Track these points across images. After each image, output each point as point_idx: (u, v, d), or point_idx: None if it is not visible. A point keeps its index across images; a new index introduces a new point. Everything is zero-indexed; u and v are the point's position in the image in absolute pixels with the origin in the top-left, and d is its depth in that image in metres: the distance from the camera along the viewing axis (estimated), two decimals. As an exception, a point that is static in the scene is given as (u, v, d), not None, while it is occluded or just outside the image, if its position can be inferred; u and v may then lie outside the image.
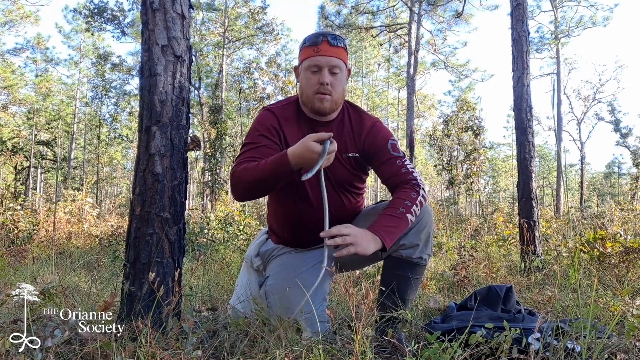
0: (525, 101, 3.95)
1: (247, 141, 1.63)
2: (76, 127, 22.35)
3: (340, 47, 1.60)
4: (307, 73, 1.60)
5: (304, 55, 1.61)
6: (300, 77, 1.65)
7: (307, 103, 1.63)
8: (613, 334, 1.50)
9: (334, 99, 1.61)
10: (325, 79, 1.57)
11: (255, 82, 16.49)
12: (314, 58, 1.57)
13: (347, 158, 1.68)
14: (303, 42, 1.64)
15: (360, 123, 1.69)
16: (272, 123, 1.64)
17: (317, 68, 1.58)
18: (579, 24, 16.56)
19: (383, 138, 1.67)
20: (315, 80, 1.58)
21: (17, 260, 3.93)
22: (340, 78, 1.61)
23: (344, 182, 1.70)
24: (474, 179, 12.16)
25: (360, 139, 1.68)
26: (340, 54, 1.59)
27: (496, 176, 31.98)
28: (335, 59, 1.58)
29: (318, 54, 1.57)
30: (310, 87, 1.60)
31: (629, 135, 18.96)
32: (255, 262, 1.89)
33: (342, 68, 1.61)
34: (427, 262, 1.66)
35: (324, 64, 1.57)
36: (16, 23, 16.32)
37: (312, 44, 1.59)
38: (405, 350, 1.42)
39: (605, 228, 3.85)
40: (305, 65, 1.60)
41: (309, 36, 1.62)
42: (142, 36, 1.69)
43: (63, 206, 7.56)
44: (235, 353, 1.42)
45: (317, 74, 1.58)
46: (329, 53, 1.57)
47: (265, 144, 1.59)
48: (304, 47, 1.62)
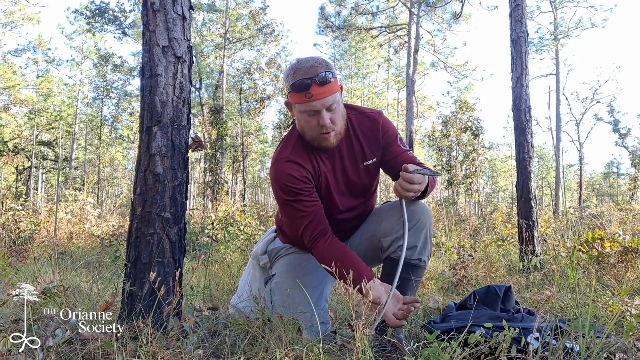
0: (524, 102, 3.96)
1: (285, 198, 1.58)
2: (77, 127, 22.36)
3: (330, 82, 1.49)
4: (304, 116, 1.54)
5: (294, 100, 1.52)
6: (298, 118, 1.58)
7: (311, 142, 1.60)
8: (612, 333, 1.51)
9: (337, 132, 1.58)
10: (325, 121, 1.51)
11: (255, 83, 16.52)
12: (308, 104, 1.49)
13: (366, 166, 1.68)
14: (290, 85, 1.50)
15: (372, 124, 1.68)
16: (298, 170, 1.59)
17: (313, 112, 1.50)
18: (578, 25, 16.56)
19: (394, 132, 1.70)
20: (315, 123, 1.52)
21: (19, 260, 3.93)
22: (338, 109, 1.54)
23: (366, 190, 1.74)
24: (473, 179, 12.17)
25: (378, 139, 1.67)
26: (332, 88, 1.50)
27: (495, 176, 31.96)
28: (329, 97, 1.49)
29: (311, 99, 1.48)
30: (312, 130, 1.55)
31: (627, 135, 18.96)
32: (262, 260, 1.91)
33: (338, 99, 1.54)
34: (427, 263, 1.66)
35: (319, 107, 1.49)
36: (18, 24, 16.34)
37: (301, 89, 1.47)
38: (405, 349, 1.43)
39: (604, 228, 3.86)
40: (301, 110, 1.52)
41: (295, 81, 1.48)
42: (143, 37, 1.70)
43: (64, 206, 7.57)
44: (235, 352, 1.43)
45: (315, 116, 1.51)
46: (322, 95, 1.48)
47: (304, 195, 1.57)
48: (292, 92, 1.51)
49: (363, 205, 1.77)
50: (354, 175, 1.68)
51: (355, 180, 1.69)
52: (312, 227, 1.57)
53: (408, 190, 1.43)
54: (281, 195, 1.59)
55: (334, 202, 1.68)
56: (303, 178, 1.58)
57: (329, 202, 1.68)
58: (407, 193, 1.43)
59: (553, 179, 21.39)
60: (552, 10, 16.84)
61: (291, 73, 1.51)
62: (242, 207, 7.60)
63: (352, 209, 1.74)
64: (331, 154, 1.66)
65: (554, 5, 16.66)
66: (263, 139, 26.93)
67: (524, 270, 3.34)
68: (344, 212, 1.72)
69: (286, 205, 1.60)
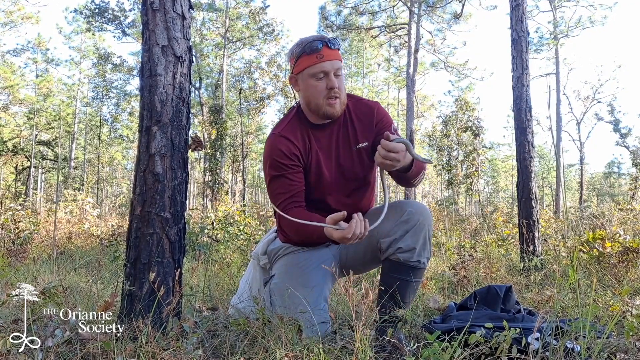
0: (525, 101, 3.96)
1: (272, 173, 1.64)
2: (77, 127, 22.36)
3: (339, 47, 1.61)
4: (311, 80, 1.59)
5: (304, 64, 1.58)
6: (302, 86, 1.63)
7: (316, 110, 1.63)
8: (612, 333, 1.50)
9: (342, 100, 1.63)
10: (334, 83, 1.57)
11: (255, 82, 16.51)
12: (319, 65, 1.56)
13: (358, 150, 1.70)
14: (301, 50, 1.59)
15: (367, 109, 1.72)
16: (288, 146, 1.64)
17: (323, 74, 1.57)
18: (577, 24, 16.56)
19: (388, 120, 1.72)
20: (323, 87, 1.58)
21: (18, 260, 3.93)
22: (342, 80, 1.63)
23: (358, 178, 1.73)
24: (474, 179, 12.16)
25: (372, 124, 1.71)
26: (339, 55, 1.61)
27: (496, 176, 31.97)
28: (338, 61, 1.59)
29: (322, 60, 1.55)
30: (318, 94, 1.59)
31: (628, 135, 18.94)
32: (262, 260, 1.91)
33: (343, 70, 1.63)
34: (426, 264, 1.64)
35: (330, 69, 1.56)
36: (17, 23, 16.33)
37: (313, 50, 1.56)
38: (405, 349, 1.42)
39: (605, 228, 3.85)
40: (309, 73, 1.58)
41: (306, 44, 1.58)
42: (143, 36, 1.70)
43: (64, 206, 7.57)
44: (235, 353, 1.43)
45: (322, 80, 1.58)
46: (332, 57, 1.57)
47: (289, 173, 1.63)
48: (303, 56, 1.58)
49: (357, 194, 1.75)
50: (346, 158, 1.70)
51: (347, 164, 1.70)
52: (288, 201, 1.62)
53: (386, 159, 1.44)
54: (268, 170, 1.65)
55: (324, 181, 1.69)
56: (292, 155, 1.63)
57: (320, 181, 1.69)
58: (385, 161, 1.44)
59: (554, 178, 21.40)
60: (552, 9, 16.84)
61: (299, 43, 1.62)
62: (242, 207, 7.60)
63: (346, 194, 1.73)
64: (326, 133, 1.68)
65: (553, 4, 16.65)
66: (263, 139, 26.91)
67: (525, 271, 3.34)
68: (337, 196, 1.71)
69: (271, 180, 1.66)
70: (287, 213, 1.58)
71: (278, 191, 1.64)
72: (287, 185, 1.63)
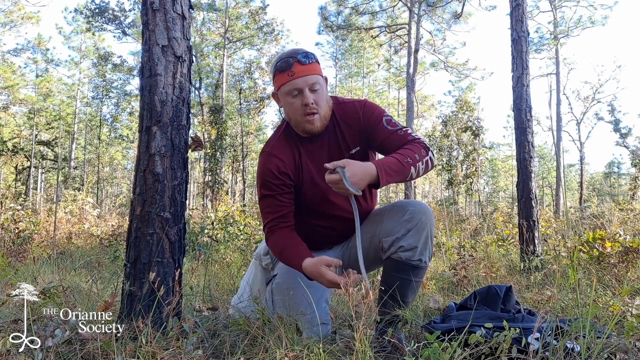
0: (525, 101, 3.96)
1: (263, 192, 1.67)
2: (77, 127, 22.35)
3: (313, 62, 1.56)
4: (287, 98, 1.58)
5: (279, 82, 1.58)
6: (283, 104, 1.63)
7: (296, 127, 1.64)
8: (612, 333, 1.50)
9: (322, 115, 1.60)
10: (308, 100, 1.54)
11: (255, 82, 16.49)
12: (291, 82, 1.54)
13: (352, 156, 1.67)
14: (274, 68, 1.59)
15: (353, 111, 1.68)
16: (277, 165, 1.64)
17: (297, 91, 1.55)
18: (577, 24, 16.56)
19: (377, 115, 1.66)
20: (299, 104, 1.56)
21: (18, 260, 3.93)
22: (322, 92, 1.58)
23: None
24: (474, 179, 12.16)
25: (358, 126, 1.67)
26: (314, 69, 1.57)
27: (496, 176, 31.97)
28: (311, 76, 1.55)
29: (293, 77, 1.54)
30: (296, 112, 1.58)
31: (628, 135, 18.93)
32: (265, 260, 1.91)
33: (321, 82, 1.58)
34: (428, 264, 1.63)
35: (302, 86, 1.54)
36: (17, 23, 16.33)
37: (284, 69, 1.55)
38: (405, 350, 1.42)
39: (605, 228, 3.85)
40: (285, 91, 1.57)
41: (279, 62, 1.57)
42: (143, 36, 1.70)
43: (64, 206, 7.57)
44: (235, 353, 1.43)
45: (298, 97, 1.56)
46: (305, 72, 1.54)
47: (278, 194, 1.65)
48: (277, 74, 1.57)
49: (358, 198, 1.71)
50: None
51: None
52: (276, 220, 1.65)
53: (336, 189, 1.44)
54: (260, 188, 1.69)
55: (321, 192, 1.67)
56: (281, 175, 1.64)
57: (317, 193, 1.68)
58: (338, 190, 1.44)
59: (554, 178, 21.40)
60: (552, 9, 16.83)
61: (275, 60, 1.61)
62: (242, 207, 7.60)
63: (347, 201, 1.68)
64: (317, 145, 1.66)
65: (553, 4, 16.65)
66: (263, 139, 26.91)
67: (525, 271, 3.34)
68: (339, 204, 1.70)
69: (262, 198, 1.69)
70: (274, 232, 1.65)
71: (267, 210, 1.67)
72: (276, 205, 1.65)
